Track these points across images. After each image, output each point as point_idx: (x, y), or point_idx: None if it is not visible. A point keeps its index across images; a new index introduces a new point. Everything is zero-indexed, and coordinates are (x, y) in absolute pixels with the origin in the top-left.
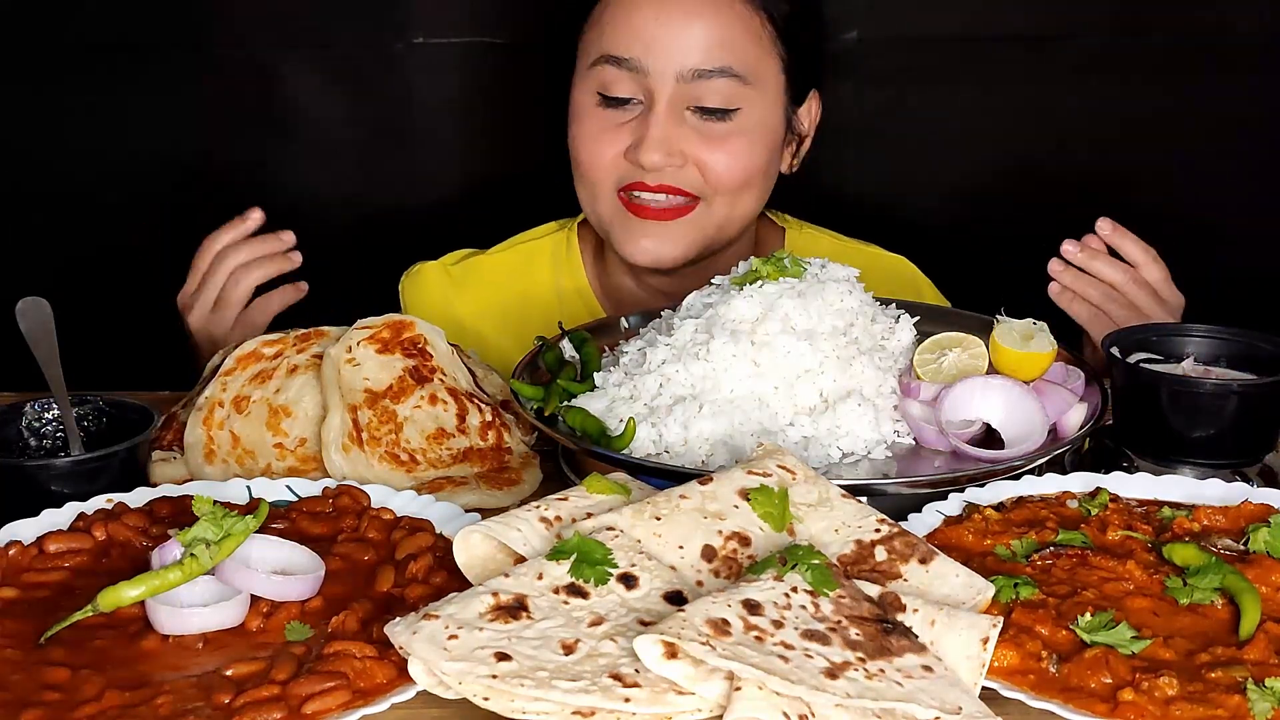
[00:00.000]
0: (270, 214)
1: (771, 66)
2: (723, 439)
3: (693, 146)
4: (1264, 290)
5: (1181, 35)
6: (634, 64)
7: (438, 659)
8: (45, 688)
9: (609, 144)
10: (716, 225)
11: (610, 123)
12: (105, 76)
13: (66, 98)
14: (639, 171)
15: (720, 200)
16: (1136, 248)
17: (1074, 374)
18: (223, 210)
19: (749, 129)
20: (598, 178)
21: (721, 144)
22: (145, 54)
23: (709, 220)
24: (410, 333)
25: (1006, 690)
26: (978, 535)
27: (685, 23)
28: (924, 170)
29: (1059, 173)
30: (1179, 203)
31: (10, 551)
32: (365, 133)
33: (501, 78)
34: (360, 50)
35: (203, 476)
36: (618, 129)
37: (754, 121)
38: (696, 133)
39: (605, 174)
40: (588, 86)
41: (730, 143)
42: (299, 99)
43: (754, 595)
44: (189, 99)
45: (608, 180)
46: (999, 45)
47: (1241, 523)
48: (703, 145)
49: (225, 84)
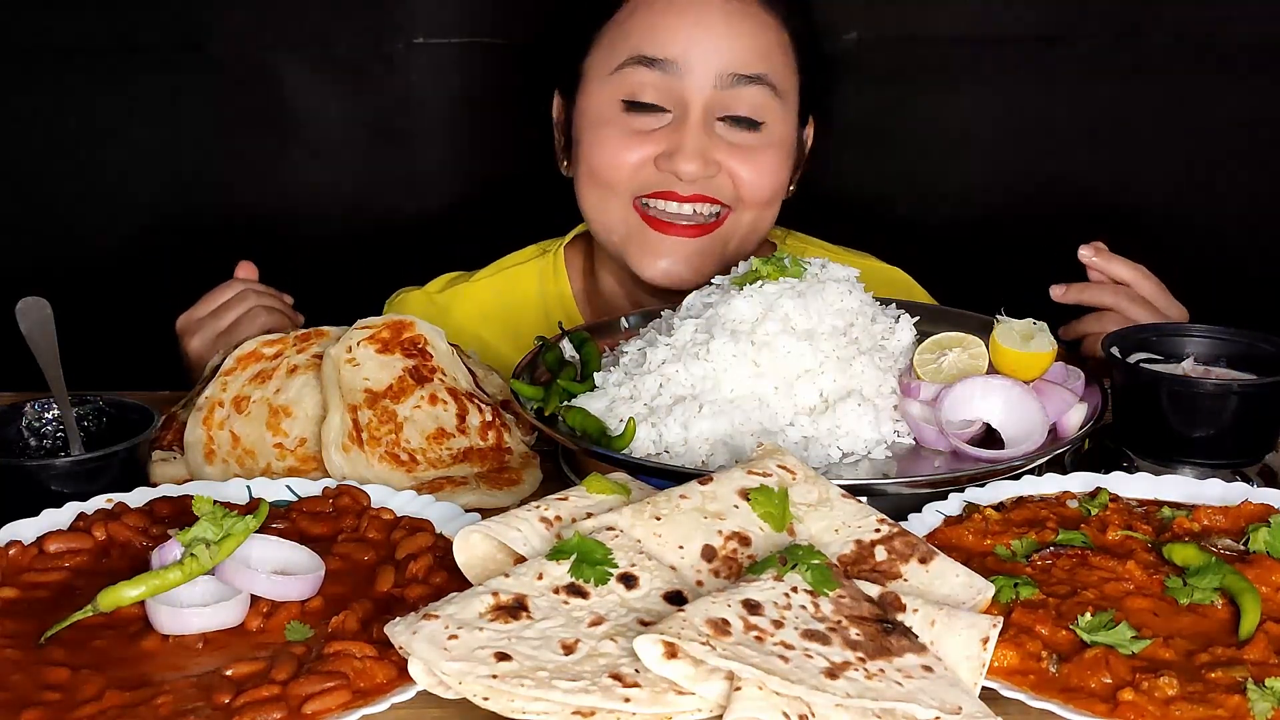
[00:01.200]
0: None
1: (794, 83)
2: (723, 439)
3: (725, 156)
4: (1264, 290)
5: (1181, 36)
6: (670, 66)
7: (438, 659)
8: (45, 688)
9: (633, 151)
10: (739, 240)
11: (635, 129)
12: (105, 77)
13: (67, 98)
14: (669, 180)
15: (748, 214)
16: (1124, 268)
17: (1074, 374)
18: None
19: (776, 143)
20: (616, 186)
21: (752, 155)
22: (145, 54)
23: (734, 233)
24: (410, 333)
25: (1006, 690)
26: (978, 535)
27: (726, 26)
28: (922, 171)
29: (1058, 173)
30: (1179, 203)
31: (10, 551)
32: (365, 133)
33: (501, 78)
34: (360, 50)
35: (203, 476)
36: (643, 136)
37: (780, 136)
38: (726, 143)
39: (625, 182)
40: (610, 91)
41: (761, 155)
42: (299, 99)
43: (754, 595)
44: (189, 99)
45: (626, 189)
46: (997, 46)
47: (1241, 523)
48: (734, 156)
49: (225, 84)
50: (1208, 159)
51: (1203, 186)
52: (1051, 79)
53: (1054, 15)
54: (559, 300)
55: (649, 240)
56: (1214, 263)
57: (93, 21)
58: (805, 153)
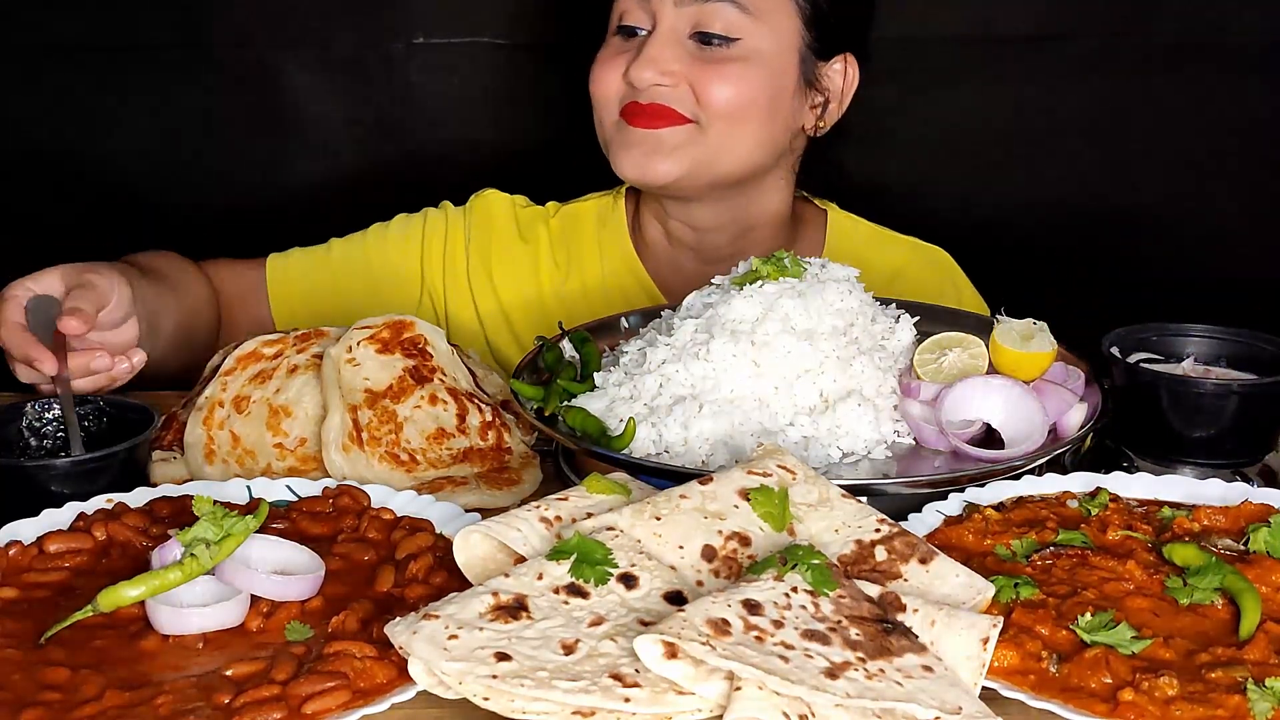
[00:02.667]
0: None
1: (780, 6)
2: (723, 439)
3: (688, 68)
4: (1264, 290)
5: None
6: None
7: (438, 659)
8: (45, 688)
9: (614, 68)
10: (711, 152)
11: (618, 50)
12: (105, 76)
13: (67, 97)
14: (635, 93)
15: (716, 128)
16: None
17: (1074, 374)
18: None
19: (747, 58)
20: (602, 102)
21: (717, 67)
22: (145, 54)
23: (703, 144)
24: (410, 333)
25: (1006, 690)
26: (978, 535)
27: None
28: (922, 171)
29: (1058, 173)
30: (1179, 202)
31: (10, 551)
32: (365, 132)
33: (501, 78)
34: (360, 50)
35: (203, 476)
36: (624, 55)
37: (754, 51)
38: (694, 57)
39: (609, 98)
40: (611, 23)
41: (726, 68)
42: (299, 98)
43: (754, 595)
44: (189, 99)
45: (611, 103)
46: (997, 46)
47: (1241, 523)
48: (699, 68)
49: (225, 84)
50: (1207, 159)
51: (1203, 186)
52: (1051, 79)
53: (1054, 15)
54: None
55: (625, 136)
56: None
57: (93, 20)
58: (838, 91)
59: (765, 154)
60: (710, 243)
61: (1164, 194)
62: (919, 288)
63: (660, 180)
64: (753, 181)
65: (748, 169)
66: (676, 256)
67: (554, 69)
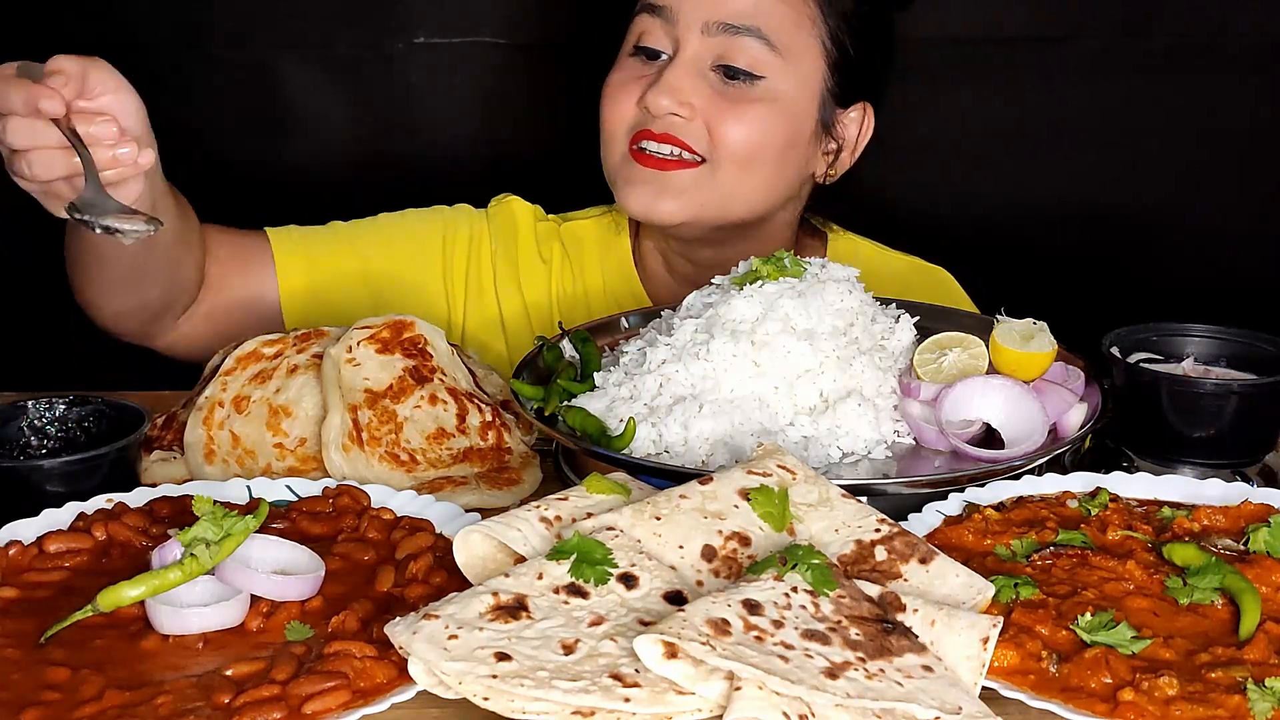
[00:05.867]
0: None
1: (809, 48)
2: (723, 439)
3: (707, 103)
4: (1264, 290)
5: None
6: (667, 12)
7: (438, 659)
8: (45, 688)
9: (630, 93)
10: (720, 195)
11: (636, 73)
12: None
13: None
14: (649, 120)
15: (726, 170)
16: None
17: (1074, 374)
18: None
19: (769, 99)
20: (613, 127)
21: (736, 107)
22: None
23: (711, 187)
24: (410, 333)
25: (1006, 690)
26: (978, 535)
27: None
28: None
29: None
30: (1180, 203)
31: (10, 551)
32: (365, 133)
33: (501, 78)
34: (360, 50)
35: (203, 476)
36: (641, 80)
37: (778, 94)
38: (715, 92)
39: (620, 122)
40: (628, 40)
41: (747, 109)
42: (299, 99)
43: (754, 595)
44: (189, 99)
45: (621, 129)
46: (997, 46)
47: (1241, 523)
48: (717, 104)
49: (225, 84)
50: (1209, 159)
51: (1204, 186)
52: (1052, 79)
53: (1054, 15)
54: (617, 254)
55: (632, 174)
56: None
57: (93, 20)
58: (851, 140)
59: (774, 200)
60: (709, 278)
61: (1164, 194)
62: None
63: (666, 221)
64: (756, 225)
65: (755, 213)
66: (676, 289)
67: (554, 69)
